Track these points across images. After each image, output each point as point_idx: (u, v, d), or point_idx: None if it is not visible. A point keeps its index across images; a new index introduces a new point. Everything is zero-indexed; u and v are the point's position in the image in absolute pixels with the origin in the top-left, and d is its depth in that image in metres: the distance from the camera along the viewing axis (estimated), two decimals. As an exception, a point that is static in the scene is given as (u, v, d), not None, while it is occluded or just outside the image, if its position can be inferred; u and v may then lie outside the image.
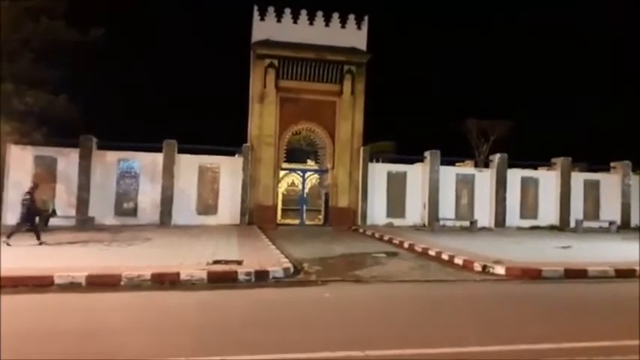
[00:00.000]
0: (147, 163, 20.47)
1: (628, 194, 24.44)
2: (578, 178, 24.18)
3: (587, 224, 22.34)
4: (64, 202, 18.89)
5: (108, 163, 20.16)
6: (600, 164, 25.62)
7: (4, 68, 15.90)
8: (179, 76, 49.26)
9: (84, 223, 18.18)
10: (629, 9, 40.18)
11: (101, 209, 19.46)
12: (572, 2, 44.28)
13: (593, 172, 25.20)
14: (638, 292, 8.57)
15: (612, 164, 25.24)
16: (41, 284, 8.07)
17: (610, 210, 23.96)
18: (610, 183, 24.58)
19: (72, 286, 8.12)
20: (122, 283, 8.44)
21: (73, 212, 19.03)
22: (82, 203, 19.35)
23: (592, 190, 24.33)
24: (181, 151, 20.83)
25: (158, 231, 17.16)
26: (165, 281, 8.65)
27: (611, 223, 22.51)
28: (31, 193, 13.20)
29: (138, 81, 39.18)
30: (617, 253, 13.53)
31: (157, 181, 20.31)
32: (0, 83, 15.58)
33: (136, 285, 8.42)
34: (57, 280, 8.21)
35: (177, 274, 8.86)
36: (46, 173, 19.24)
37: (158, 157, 20.46)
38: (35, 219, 13.50)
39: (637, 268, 10.65)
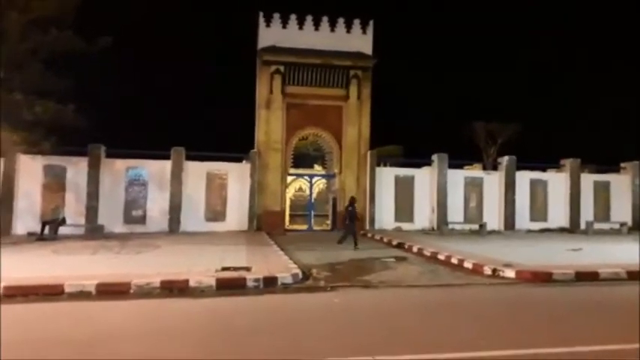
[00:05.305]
0: (155, 170, 20.57)
1: (638, 195, 24.19)
2: (587, 180, 23.98)
3: (597, 226, 22.14)
4: (73, 211, 18.98)
5: (116, 171, 20.27)
6: (610, 165, 25.40)
7: (14, 78, 16.09)
8: (186, 84, 49.58)
9: (93, 231, 18.25)
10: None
11: (110, 217, 19.53)
12: (582, 6, 44.01)
13: (602, 174, 24.98)
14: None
15: (622, 165, 25.02)
16: (52, 293, 8.12)
17: (621, 211, 23.73)
18: (620, 184, 24.35)
19: (82, 295, 8.16)
20: (131, 291, 8.47)
21: (82, 220, 19.12)
22: (92, 211, 19.46)
23: (602, 192, 24.11)
24: (189, 158, 20.90)
25: (167, 238, 17.21)
26: (175, 288, 8.67)
27: (622, 224, 22.31)
28: (352, 204, 16.04)
29: (144, 89, 39.53)
30: (628, 254, 13.38)
31: (165, 189, 20.38)
32: (9, 93, 15.76)
33: (146, 293, 8.45)
34: (67, 289, 8.25)
35: (186, 281, 8.88)
36: (56, 182, 19.42)
37: (166, 165, 20.54)
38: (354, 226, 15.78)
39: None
